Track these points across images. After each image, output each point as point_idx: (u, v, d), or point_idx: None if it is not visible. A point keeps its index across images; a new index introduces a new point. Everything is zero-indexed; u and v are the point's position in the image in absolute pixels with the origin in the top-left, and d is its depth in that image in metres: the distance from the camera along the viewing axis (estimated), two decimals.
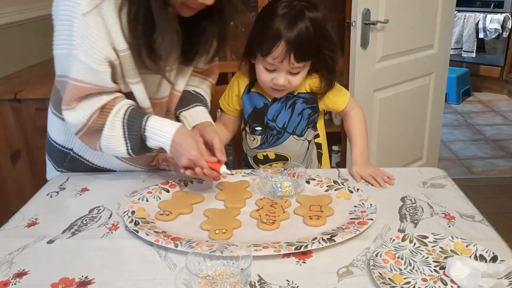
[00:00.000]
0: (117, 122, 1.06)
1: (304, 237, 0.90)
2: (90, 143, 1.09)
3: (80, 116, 1.04)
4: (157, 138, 1.06)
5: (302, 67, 1.18)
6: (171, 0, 0.99)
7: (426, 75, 2.41)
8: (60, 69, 1.05)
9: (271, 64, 1.16)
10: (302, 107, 1.26)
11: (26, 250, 0.90)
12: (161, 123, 1.07)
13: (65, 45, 1.00)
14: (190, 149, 1.04)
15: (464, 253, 0.85)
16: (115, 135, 1.06)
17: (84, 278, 0.81)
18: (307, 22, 1.13)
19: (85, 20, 0.97)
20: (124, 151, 1.08)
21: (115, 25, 1.00)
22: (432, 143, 2.61)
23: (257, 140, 1.29)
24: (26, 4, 2.37)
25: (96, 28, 0.98)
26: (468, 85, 4.45)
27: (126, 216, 0.97)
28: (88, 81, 1.01)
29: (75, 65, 1.00)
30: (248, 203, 1.05)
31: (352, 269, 0.82)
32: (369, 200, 1.02)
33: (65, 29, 0.99)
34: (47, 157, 1.32)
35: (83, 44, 0.98)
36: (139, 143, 1.07)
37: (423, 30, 2.29)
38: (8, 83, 2.05)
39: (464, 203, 1.05)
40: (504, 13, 4.14)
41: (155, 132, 1.06)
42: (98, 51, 1.00)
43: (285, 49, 1.12)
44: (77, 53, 0.99)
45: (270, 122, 1.27)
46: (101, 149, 1.08)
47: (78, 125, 1.05)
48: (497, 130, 3.68)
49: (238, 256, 0.80)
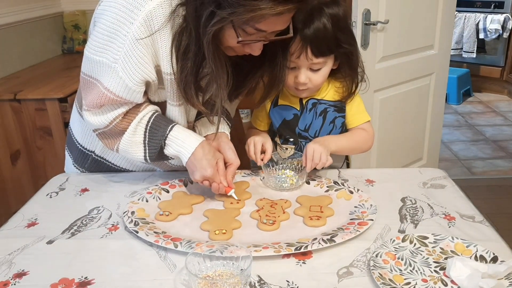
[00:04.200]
0: (139, 128, 1.05)
1: (304, 237, 0.90)
2: (107, 143, 1.08)
3: (103, 119, 1.04)
4: (177, 148, 1.05)
5: (322, 63, 1.14)
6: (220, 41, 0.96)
7: (427, 75, 2.41)
8: (90, 70, 1.01)
9: (291, 62, 1.13)
10: (334, 116, 1.23)
11: (26, 250, 0.90)
12: (185, 135, 1.06)
13: (106, 55, 0.97)
14: (207, 167, 1.03)
15: (464, 253, 0.85)
16: (135, 141, 1.06)
17: (83, 279, 0.81)
18: (325, 18, 1.10)
19: (135, 44, 0.95)
20: (141, 157, 1.07)
21: (166, 51, 0.98)
22: (433, 143, 2.61)
23: (290, 150, 1.25)
24: (26, 4, 2.37)
25: (144, 51, 0.96)
26: (469, 85, 4.45)
27: (126, 216, 0.97)
28: (120, 95, 1.00)
29: (111, 76, 0.98)
30: (248, 204, 1.05)
31: (352, 270, 0.82)
32: (369, 200, 1.02)
33: (110, 40, 0.95)
34: (67, 151, 1.30)
35: (126, 62, 0.96)
36: (158, 151, 1.06)
37: (423, 31, 2.29)
38: (8, 83, 2.05)
39: (465, 203, 1.04)
40: (505, 13, 4.14)
41: (177, 142, 1.05)
42: (139, 73, 0.98)
43: (301, 44, 1.10)
44: (117, 67, 0.97)
45: (302, 132, 1.25)
46: (118, 150, 1.08)
47: (98, 126, 1.05)
48: (497, 130, 3.68)
49: (238, 256, 0.80)
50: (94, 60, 0.99)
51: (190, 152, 1.04)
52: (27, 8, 2.37)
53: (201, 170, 1.04)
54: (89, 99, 1.02)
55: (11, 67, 2.23)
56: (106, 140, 1.08)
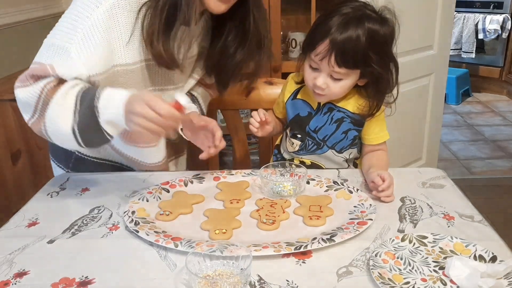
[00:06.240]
0: (71, 93, 0.97)
1: (304, 237, 0.90)
2: (37, 123, 1.00)
3: (34, 89, 0.98)
4: (110, 106, 0.93)
5: (344, 75, 1.11)
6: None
7: (426, 75, 2.42)
8: (39, 57, 1.03)
9: (314, 62, 1.12)
10: (348, 127, 1.21)
11: (27, 250, 0.90)
12: (117, 90, 0.96)
13: (60, 36, 1.01)
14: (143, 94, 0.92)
15: (463, 253, 0.85)
16: (64, 106, 0.96)
17: (84, 278, 0.81)
18: (361, 31, 1.06)
19: (95, 28, 0.99)
20: (68, 126, 0.96)
21: (122, 43, 1.03)
22: (432, 143, 2.61)
23: (296, 145, 1.25)
24: (26, 4, 2.37)
25: (101, 38, 1.00)
26: (468, 85, 4.45)
27: (126, 216, 0.97)
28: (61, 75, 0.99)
29: (60, 57, 0.99)
30: (248, 203, 1.06)
31: (352, 269, 0.82)
32: (368, 200, 1.03)
33: (71, 23, 1.00)
34: (52, 158, 1.31)
35: (83, 43, 0.99)
36: (89, 118, 0.95)
37: (422, 31, 2.29)
38: (8, 83, 2.05)
39: (464, 203, 1.05)
40: (504, 14, 4.14)
41: (108, 98, 0.94)
42: (93, 57, 1.00)
43: (328, 47, 1.07)
44: (71, 48, 0.98)
45: (311, 132, 1.23)
46: (45, 124, 0.98)
47: (30, 102, 0.99)
48: (496, 130, 3.68)
49: (238, 256, 0.81)
50: (46, 44, 1.02)
51: (122, 101, 0.91)
52: (28, 9, 2.37)
53: (139, 99, 0.89)
54: (25, 73, 1.00)
55: (11, 67, 2.23)
56: (37, 123, 0.99)
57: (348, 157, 1.26)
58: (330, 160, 1.25)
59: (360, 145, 1.27)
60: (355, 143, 1.25)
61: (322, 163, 1.26)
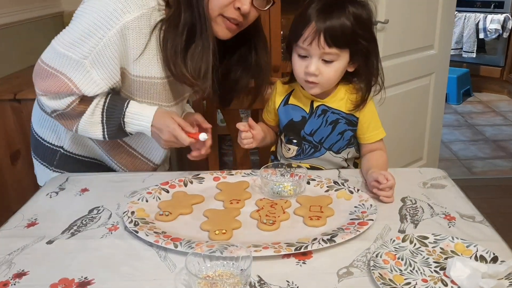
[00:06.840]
0: (97, 110, 1.12)
1: (304, 237, 0.90)
2: (65, 124, 1.15)
3: (60, 103, 1.10)
4: (137, 122, 1.13)
5: (335, 55, 1.10)
6: (210, 15, 1.07)
7: (427, 75, 2.41)
8: (54, 62, 1.07)
9: (302, 49, 1.10)
10: (344, 128, 1.21)
11: (26, 250, 0.90)
12: (141, 108, 1.14)
13: (75, 51, 1.05)
14: (168, 123, 1.11)
15: (464, 253, 0.85)
16: (94, 121, 1.13)
17: (83, 279, 0.81)
18: (346, 15, 1.08)
19: (109, 47, 1.04)
20: (100, 135, 1.15)
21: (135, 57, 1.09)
22: (432, 143, 2.61)
23: (292, 150, 1.25)
24: (26, 4, 2.37)
25: (115, 53, 1.06)
26: (469, 85, 4.45)
27: (125, 216, 0.97)
28: (81, 89, 1.07)
29: (78, 70, 1.07)
30: (248, 204, 1.05)
31: (352, 270, 0.82)
32: (369, 200, 1.02)
33: (83, 39, 1.04)
34: (34, 156, 1.33)
35: (97, 59, 1.06)
36: (116, 129, 1.14)
37: (423, 31, 2.29)
38: (8, 83, 2.05)
39: (465, 203, 1.04)
40: (504, 13, 4.14)
41: (134, 117, 1.13)
42: (107, 70, 1.07)
43: (315, 29, 1.06)
44: (86, 63, 1.05)
45: (307, 136, 1.23)
46: (77, 131, 1.14)
47: (55, 108, 1.11)
48: (497, 130, 3.68)
49: (238, 256, 0.80)
50: (61, 53, 1.05)
51: (149, 122, 1.13)
52: (27, 8, 2.37)
53: (164, 128, 1.11)
54: (45, 85, 1.08)
55: (11, 67, 2.23)
56: (64, 121, 1.14)
57: (346, 157, 1.25)
58: (329, 161, 1.25)
59: (358, 144, 1.27)
60: (352, 143, 1.25)
61: (321, 165, 1.26)
